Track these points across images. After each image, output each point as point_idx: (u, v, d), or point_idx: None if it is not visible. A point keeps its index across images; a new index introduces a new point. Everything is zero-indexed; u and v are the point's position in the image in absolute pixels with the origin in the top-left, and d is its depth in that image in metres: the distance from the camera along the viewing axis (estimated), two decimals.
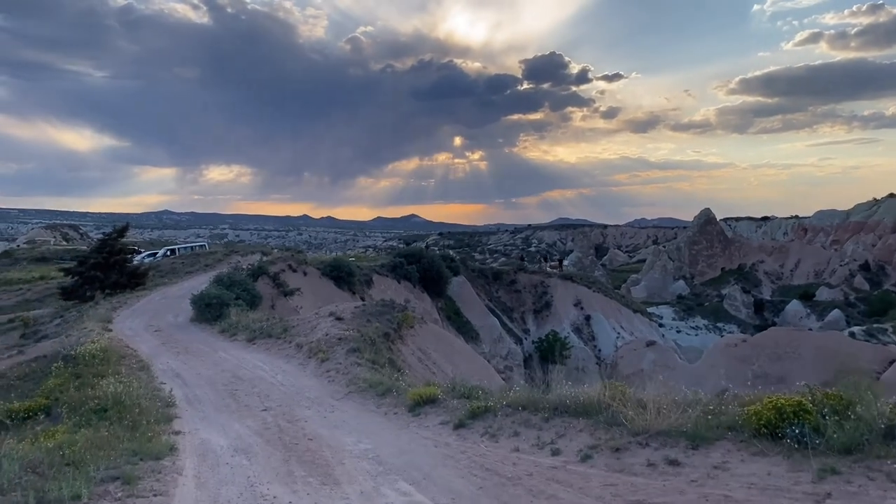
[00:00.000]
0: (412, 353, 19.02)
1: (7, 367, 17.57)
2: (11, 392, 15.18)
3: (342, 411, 11.14)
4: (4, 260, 72.79)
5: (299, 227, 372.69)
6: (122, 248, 37.04)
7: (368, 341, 16.37)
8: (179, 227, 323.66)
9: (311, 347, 16.46)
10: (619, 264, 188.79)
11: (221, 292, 25.88)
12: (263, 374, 15.02)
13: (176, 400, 12.27)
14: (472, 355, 22.97)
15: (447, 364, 20.39)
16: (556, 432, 8.47)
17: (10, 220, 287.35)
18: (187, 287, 32.93)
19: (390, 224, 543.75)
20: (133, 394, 11.65)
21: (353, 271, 43.33)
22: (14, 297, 43.39)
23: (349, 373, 13.80)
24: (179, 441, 9.29)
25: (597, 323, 67.47)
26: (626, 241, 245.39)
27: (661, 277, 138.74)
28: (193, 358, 17.76)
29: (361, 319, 19.26)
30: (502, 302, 67.98)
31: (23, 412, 12.58)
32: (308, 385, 13.49)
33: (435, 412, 10.25)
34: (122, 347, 18.48)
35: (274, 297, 32.09)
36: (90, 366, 15.36)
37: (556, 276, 72.95)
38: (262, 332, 19.92)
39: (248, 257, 45.16)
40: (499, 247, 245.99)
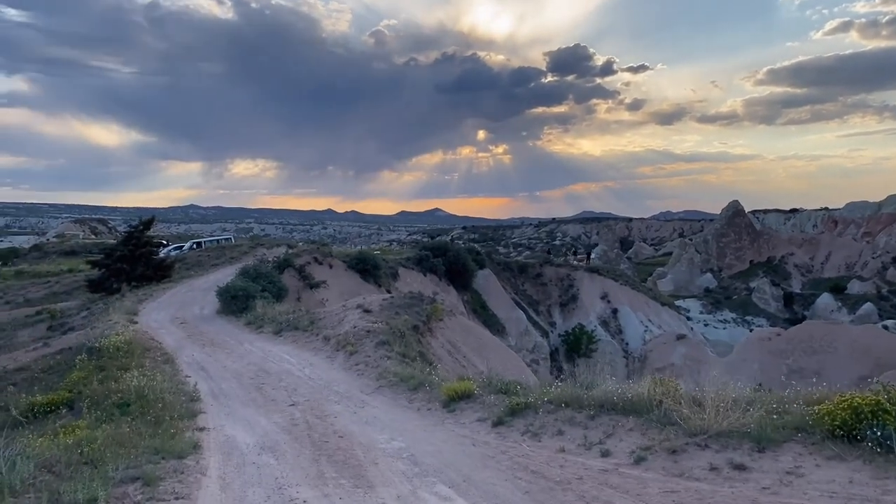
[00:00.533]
0: (441, 346, 18.49)
1: (32, 359, 17.36)
2: (35, 385, 14.90)
3: (373, 406, 10.64)
4: (35, 253, 73.75)
5: (324, 222, 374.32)
6: (149, 241, 36.95)
7: (398, 334, 15.86)
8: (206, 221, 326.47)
9: (339, 340, 16.01)
10: (644, 257, 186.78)
11: (247, 284, 25.58)
12: (290, 367, 14.59)
13: (200, 394, 11.86)
14: (502, 349, 22.40)
15: (477, 357, 19.84)
16: (603, 431, 7.88)
17: (41, 214, 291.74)
18: (213, 279, 32.74)
19: (414, 218, 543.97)
20: (156, 388, 11.25)
21: (378, 264, 42.95)
22: (43, 289, 43.62)
23: (379, 366, 13.30)
24: (203, 438, 8.84)
25: (624, 316, 66.51)
26: (651, 234, 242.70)
27: (687, 270, 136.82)
28: (219, 350, 17.41)
29: (390, 312, 18.77)
30: (528, 295, 67.30)
31: (45, 406, 12.27)
32: (336, 379, 13.02)
33: (471, 408, 9.70)
34: (146, 340, 18.19)
35: (300, 289, 31.78)
36: (114, 358, 15.04)
37: (583, 268, 72.05)
38: (289, 324, 19.52)
39: (274, 250, 44.94)
40: (523, 240, 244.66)
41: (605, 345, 62.75)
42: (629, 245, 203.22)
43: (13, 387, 14.88)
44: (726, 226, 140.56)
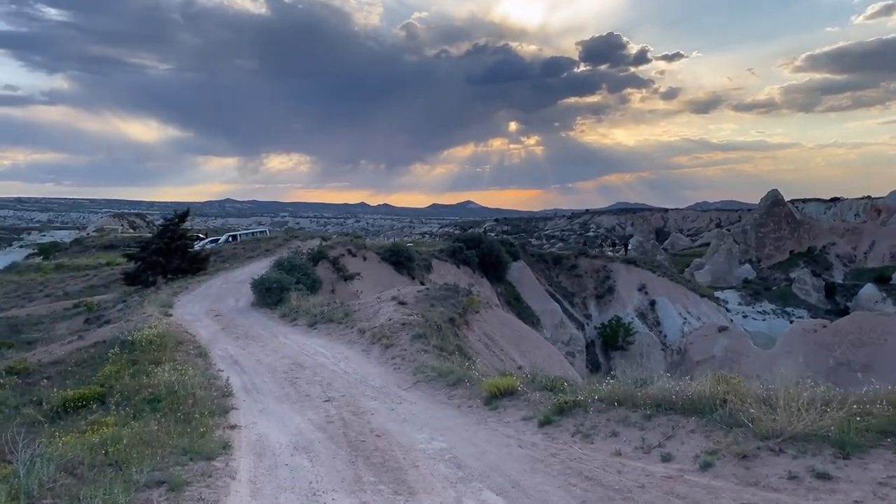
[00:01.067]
0: (478, 339, 17.93)
1: (66, 352, 17.22)
2: (69, 379, 14.71)
3: (411, 403, 10.13)
4: (75, 247, 75.13)
5: (356, 215, 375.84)
6: (184, 234, 36.96)
7: (434, 327, 15.34)
8: (242, 214, 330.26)
9: (374, 333, 15.55)
10: (681, 248, 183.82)
11: (282, 276, 25.30)
12: (325, 360, 14.17)
13: (233, 389, 11.48)
14: (541, 342, 21.78)
15: (515, 351, 19.25)
16: (662, 433, 7.25)
17: (82, 209, 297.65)
18: (248, 272, 32.60)
19: (446, 211, 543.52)
20: (188, 383, 10.89)
21: (412, 256, 42.52)
22: (81, 282, 44.10)
23: (415, 360, 12.80)
24: (235, 437, 8.42)
25: (662, 308, 65.29)
26: (687, 225, 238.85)
27: (725, 261, 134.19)
28: (253, 343, 17.09)
29: (425, 304, 18.27)
30: (563, 287, 66.45)
31: (76, 401, 12.01)
32: (372, 373, 12.55)
33: (515, 406, 9.13)
34: (180, 333, 17.95)
35: (334, 281, 31.47)
36: (146, 352, 14.79)
37: (619, 260, 70.86)
38: (323, 316, 19.15)
39: (308, 242, 44.80)
40: (556, 232, 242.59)
41: (642, 337, 61.70)
42: (665, 236, 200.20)
43: (47, 380, 14.70)
44: (765, 215, 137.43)
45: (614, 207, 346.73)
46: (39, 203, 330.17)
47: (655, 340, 62.28)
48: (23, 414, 12.17)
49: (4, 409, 12.80)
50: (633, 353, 60.58)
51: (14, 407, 12.91)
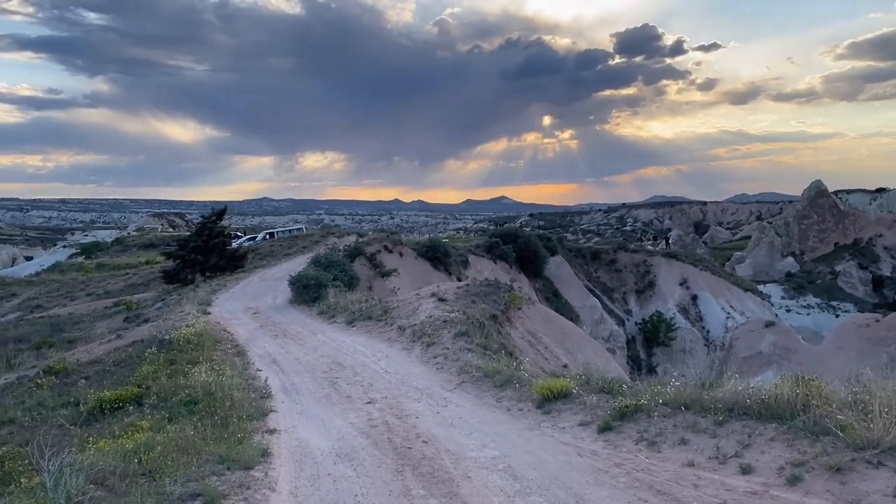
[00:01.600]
0: (521, 337, 17.33)
1: (104, 352, 17.08)
2: (106, 379, 14.51)
3: (457, 405, 9.60)
4: (117, 247, 76.46)
5: (391, 212, 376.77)
6: (221, 231, 36.97)
7: (476, 324, 14.79)
8: (279, 213, 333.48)
9: (415, 330, 15.06)
10: (721, 242, 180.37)
11: (319, 273, 24.99)
12: (365, 359, 13.73)
13: (272, 390, 11.08)
14: (585, 339, 21.10)
15: (559, 349, 18.61)
16: (737, 441, 6.59)
17: (123, 209, 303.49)
18: (285, 269, 32.44)
19: (480, 206, 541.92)
20: (225, 384, 10.51)
21: (448, 252, 42.05)
22: (121, 281, 44.55)
23: (459, 359, 12.26)
24: (273, 443, 7.98)
25: (704, 303, 63.75)
26: (727, 218, 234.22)
27: (767, 254, 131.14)
28: (291, 342, 16.75)
29: (466, 300, 17.72)
30: (602, 282, 65.32)
31: (113, 402, 11.73)
32: (414, 372, 12.05)
33: (570, 410, 8.53)
34: (218, 331, 17.69)
35: (371, 277, 31.13)
36: (184, 351, 14.50)
37: (660, 254, 69.44)
38: (362, 313, 18.74)
39: (345, 239, 44.60)
40: (592, 227, 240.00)
41: (684, 333, 60.32)
42: (704, 229, 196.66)
43: (85, 380, 14.52)
44: (808, 207, 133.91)
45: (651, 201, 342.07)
46: (82, 204, 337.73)
47: (698, 336, 60.87)
48: (60, 415, 11.97)
49: (41, 411, 12.64)
50: (675, 349, 59.36)
51: (51, 408, 12.73)
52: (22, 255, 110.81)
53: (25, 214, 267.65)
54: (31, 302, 41.36)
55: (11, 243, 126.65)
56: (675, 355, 59.52)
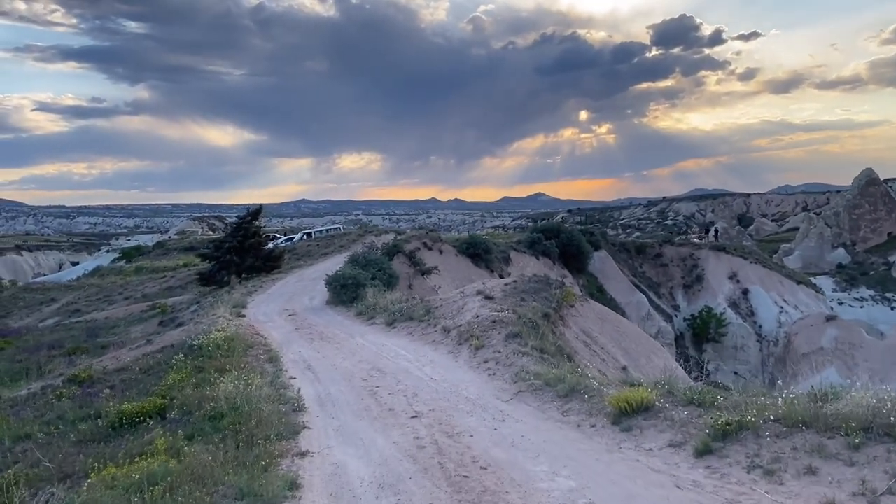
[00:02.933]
0: (576, 337, 15.93)
1: (133, 359, 16.17)
2: (132, 388, 13.52)
3: (516, 420, 8.29)
4: (158, 250, 77.10)
5: (428, 210, 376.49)
6: (257, 231, 36.19)
7: (529, 324, 13.44)
8: (316, 214, 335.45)
9: (461, 332, 13.78)
10: (766, 234, 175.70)
11: (357, 272, 23.86)
12: (408, 364, 12.50)
13: (305, 402, 9.89)
14: (643, 338, 19.59)
15: (616, 349, 17.15)
16: (885, 472, 5.17)
17: (166, 214, 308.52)
18: (322, 269, 31.49)
19: (517, 203, 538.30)
20: (254, 396, 9.35)
21: (490, 248, 40.74)
22: (159, 284, 44.22)
23: (513, 364, 10.94)
24: (305, 469, 6.77)
25: (756, 297, 61.27)
26: (771, 210, 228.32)
27: (817, 246, 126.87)
28: (328, 345, 15.62)
29: (514, 298, 16.37)
30: (647, 277, 63.33)
31: (134, 415, 10.68)
32: (464, 380, 10.77)
33: (654, 427, 7.15)
34: (251, 335, 16.64)
35: (411, 276, 29.96)
36: (213, 358, 13.45)
37: (707, 247, 67.07)
38: (403, 314, 17.53)
39: (382, 237, 43.56)
40: (632, 221, 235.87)
41: (735, 328, 58.08)
42: (747, 221, 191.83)
43: (110, 390, 13.57)
44: (859, 196, 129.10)
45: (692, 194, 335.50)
46: (126, 209, 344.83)
47: (750, 331, 58.55)
48: (78, 430, 11.01)
49: (60, 426, 11.70)
50: (727, 346, 57.27)
51: (71, 421, 11.77)
52: (68, 260, 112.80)
53: (72, 221, 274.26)
54: (70, 307, 41.22)
55: (59, 249, 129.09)
56: (726, 352, 57.38)
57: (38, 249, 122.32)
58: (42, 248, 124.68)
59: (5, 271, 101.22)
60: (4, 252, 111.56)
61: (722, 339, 58.16)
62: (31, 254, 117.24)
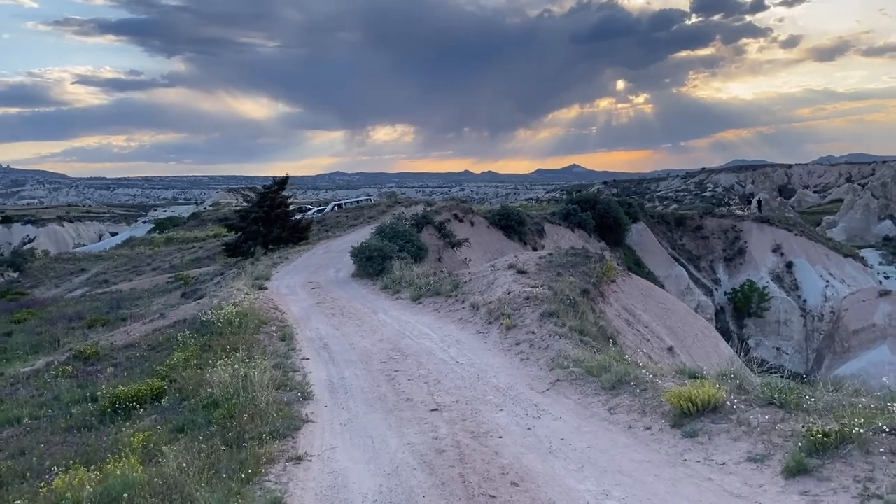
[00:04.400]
0: (617, 315, 14.54)
1: (143, 334, 15.25)
2: (137, 367, 12.58)
3: (554, 417, 7.02)
4: (192, 221, 77.29)
5: (461, 183, 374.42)
6: (283, 201, 35.17)
7: (566, 301, 12.10)
8: (350, 186, 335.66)
9: (491, 309, 12.50)
10: (809, 206, 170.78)
11: (383, 244, 22.67)
12: (432, 345, 11.30)
13: (313, 389, 8.74)
14: (690, 316, 18.08)
15: (662, 328, 15.72)
16: None
17: (202, 186, 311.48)
18: (351, 240, 30.43)
19: (551, 175, 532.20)
20: (255, 381, 8.20)
21: (523, 220, 39.25)
22: (188, 255, 43.76)
23: (549, 347, 9.65)
24: (297, 480, 5.58)
25: (800, 270, 58.90)
26: (813, 181, 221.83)
27: (862, 217, 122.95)
28: (348, 321, 14.49)
29: (550, 273, 15.01)
30: (687, 250, 61.24)
31: (128, 399, 9.67)
32: (493, 365, 9.52)
33: (725, 433, 5.82)
34: (268, 310, 15.58)
35: (440, 248, 28.70)
36: (222, 335, 12.41)
37: (750, 219, 64.61)
38: (429, 288, 16.30)
39: (412, 208, 42.33)
40: (669, 193, 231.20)
41: (778, 303, 55.94)
42: (789, 193, 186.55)
43: (113, 368, 12.64)
44: None
45: (731, 165, 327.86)
46: (164, 181, 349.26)
47: (794, 306, 56.41)
48: (69, 415, 10.06)
49: (53, 408, 10.79)
50: (769, 321, 55.29)
51: (66, 403, 10.88)
52: (108, 231, 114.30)
53: (112, 192, 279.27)
54: (98, 277, 40.96)
55: (99, 220, 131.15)
56: (768, 327, 55.41)
57: (79, 220, 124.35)
58: (83, 219, 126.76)
59: (48, 241, 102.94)
60: (47, 222, 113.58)
61: (764, 313, 56.29)
62: (72, 224, 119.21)
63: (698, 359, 15.60)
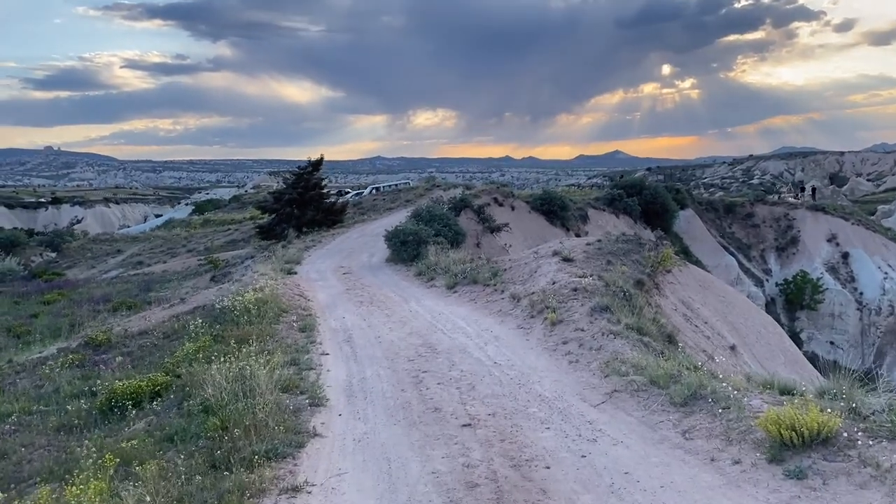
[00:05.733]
0: (674, 310, 13.10)
1: (159, 320, 14.31)
2: (147, 357, 11.61)
3: (613, 441, 5.71)
4: (233, 204, 77.37)
5: (501, 168, 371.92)
6: (318, 183, 34.12)
7: (620, 294, 10.72)
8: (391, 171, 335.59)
9: (533, 301, 11.18)
10: (862, 194, 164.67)
11: (419, 228, 21.45)
12: (466, 340, 10.05)
13: (328, 391, 7.57)
14: (752, 310, 16.48)
15: (722, 324, 14.22)
16: None
17: (246, 169, 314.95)
18: (387, 223, 29.33)
19: (593, 162, 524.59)
20: (259, 382, 7.05)
21: (566, 205, 37.64)
22: (223, 237, 43.22)
23: (602, 348, 8.32)
24: None
25: (857, 261, 56.05)
26: (867, 169, 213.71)
27: None
28: (378, 311, 13.33)
29: (598, 261, 13.60)
30: (737, 238, 58.83)
31: (127, 396, 8.64)
32: (536, 367, 8.23)
33: (846, 477, 4.45)
34: (292, 296, 14.49)
35: (479, 233, 27.41)
36: (238, 324, 11.33)
37: (804, 207, 61.74)
38: (466, 276, 15.04)
39: (450, 192, 41.01)
40: (715, 180, 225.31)
41: (833, 295, 53.33)
42: (841, 181, 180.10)
43: (121, 358, 11.69)
44: None
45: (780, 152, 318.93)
46: (208, 165, 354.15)
47: (849, 298, 53.76)
48: (66, 411, 9.11)
49: (51, 402, 9.85)
50: (823, 314, 52.78)
51: (65, 397, 9.94)
52: (153, 213, 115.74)
53: (158, 175, 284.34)
54: (133, 258, 40.63)
55: (144, 202, 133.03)
56: (822, 320, 52.94)
57: (125, 202, 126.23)
58: (129, 201, 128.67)
59: (94, 222, 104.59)
60: (94, 204, 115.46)
61: (818, 306, 53.78)
62: (118, 206, 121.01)
63: (763, 359, 14.09)
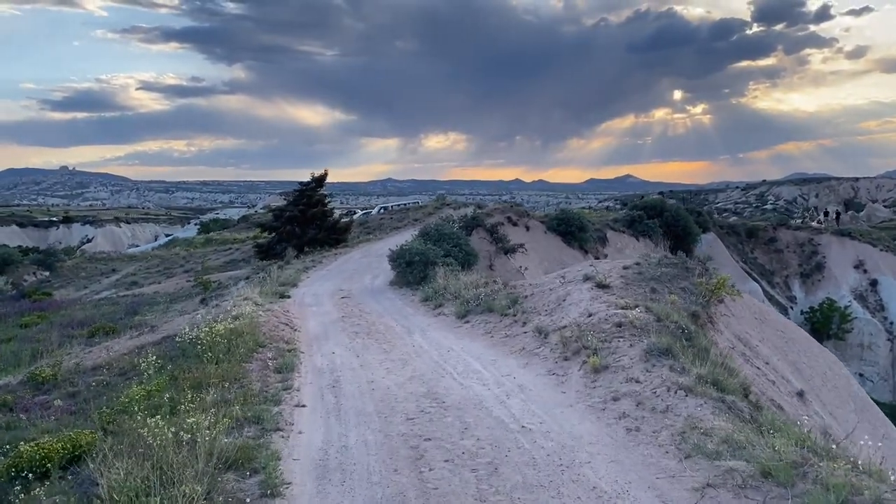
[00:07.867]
0: (732, 348, 10.82)
1: (120, 352, 12.19)
2: (94, 400, 9.44)
3: None
4: (242, 224, 76.07)
5: (511, 191, 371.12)
6: (321, 200, 32.12)
7: (678, 332, 8.48)
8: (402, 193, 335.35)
9: (565, 338, 8.96)
10: (879, 220, 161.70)
11: (427, 248, 19.30)
12: (483, 390, 7.84)
13: (290, 472, 5.37)
14: (813, 346, 14.19)
15: (784, 364, 11.93)
16: None
17: (259, 191, 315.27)
18: (392, 243, 27.24)
19: (603, 185, 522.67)
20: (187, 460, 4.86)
21: (584, 226, 35.39)
22: (223, 257, 41.33)
23: (670, 410, 6.09)
24: None
25: (887, 289, 53.59)
26: (882, 195, 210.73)
27: None
28: (375, 345, 11.16)
29: (641, 288, 11.36)
30: (759, 264, 56.50)
31: (34, 464, 6.46)
32: (581, 437, 6.00)
33: None
34: (277, 325, 12.32)
35: (492, 254, 25.24)
36: (202, 360, 9.16)
37: (829, 232, 59.29)
38: (480, 303, 12.83)
39: (461, 210, 38.91)
40: (728, 205, 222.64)
41: (862, 324, 50.85)
42: (858, 207, 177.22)
43: (61, 402, 9.53)
44: None
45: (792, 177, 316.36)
46: (222, 186, 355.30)
47: (879, 328, 51.25)
48: None
49: None
50: (851, 344, 50.25)
51: None
52: (163, 232, 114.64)
53: (171, 196, 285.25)
54: (127, 279, 38.70)
55: (156, 222, 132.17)
56: (850, 350, 50.32)
57: (135, 222, 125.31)
58: (139, 221, 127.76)
59: (105, 241, 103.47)
60: (105, 223, 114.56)
61: (846, 335, 51.35)
62: (129, 225, 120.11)
63: (833, 407, 11.79)
